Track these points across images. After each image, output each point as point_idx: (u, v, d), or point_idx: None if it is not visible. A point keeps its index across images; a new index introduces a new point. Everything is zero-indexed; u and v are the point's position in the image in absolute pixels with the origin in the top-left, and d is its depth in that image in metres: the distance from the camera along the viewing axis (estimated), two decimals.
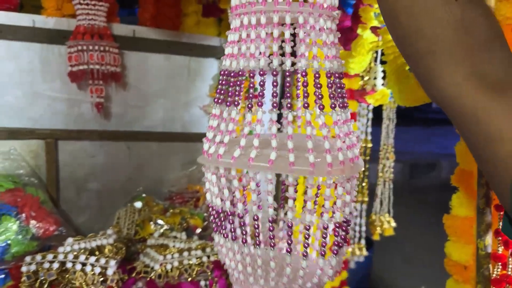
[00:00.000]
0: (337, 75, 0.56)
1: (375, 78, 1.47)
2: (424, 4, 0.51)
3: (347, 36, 1.50)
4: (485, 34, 0.52)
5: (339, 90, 0.56)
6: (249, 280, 0.58)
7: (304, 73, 0.52)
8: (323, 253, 0.55)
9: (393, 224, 2.16)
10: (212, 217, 0.59)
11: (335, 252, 0.57)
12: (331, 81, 0.55)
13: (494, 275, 0.87)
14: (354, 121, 0.59)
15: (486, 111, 0.50)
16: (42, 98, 1.63)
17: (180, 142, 1.89)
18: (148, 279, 1.32)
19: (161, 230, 1.57)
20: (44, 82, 1.63)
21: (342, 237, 0.56)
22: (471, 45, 0.51)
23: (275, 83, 0.54)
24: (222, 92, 0.57)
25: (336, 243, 0.57)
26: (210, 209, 0.59)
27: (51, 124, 1.64)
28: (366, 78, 1.57)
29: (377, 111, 2.12)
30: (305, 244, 0.54)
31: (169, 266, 1.34)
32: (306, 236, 0.55)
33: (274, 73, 0.54)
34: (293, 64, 0.53)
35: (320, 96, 0.53)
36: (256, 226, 0.54)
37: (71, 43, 1.55)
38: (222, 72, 0.58)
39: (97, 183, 1.76)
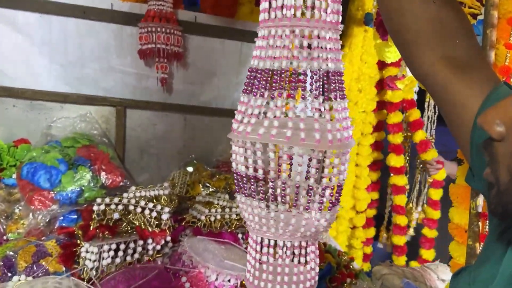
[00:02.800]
0: (338, 73, 0.69)
1: (405, 66, 1.60)
2: (408, 5, 0.71)
3: (384, 28, 1.65)
4: (455, 27, 0.71)
5: (339, 85, 0.69)
6: (262, 229, 0.72)
7: (316, 72, 0.66)
8: (320, 208, 0.70)
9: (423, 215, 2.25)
10: (236, 181, 0.72)
11: (329, 208, 0.71)
12: (334, 79, 0.68)
13: (483, 232, 1.02)
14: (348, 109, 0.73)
15: (453, 85, 0.68)
16: (115, 71, 1.90)
17: (228, 117, 2.09)
18: (194, 227, 1.55)
19: (208, 191, 1.79)
20: (118, 58, 1.89)
21: (336, 197, 0.71)
22: (444, 35, 0.70)
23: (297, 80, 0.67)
24: (250, 85, 0.69)
25: (331, 202, 0.71)
26: (235, 174, 0.72)
27: (121, 94, 1.92)
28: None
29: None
30: (308, 201, 0.69)
31: (212, 218, 1.56)
32: (309, 195, 0.69)
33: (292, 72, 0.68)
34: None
35: (325, 89, 0.67)
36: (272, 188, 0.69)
37: (142, 24, 1.80)
38: (250, 69, 0.70)
39: (157, 148, 2.01)
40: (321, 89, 0.67)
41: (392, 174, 2.26)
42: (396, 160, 2.18)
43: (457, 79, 0.67)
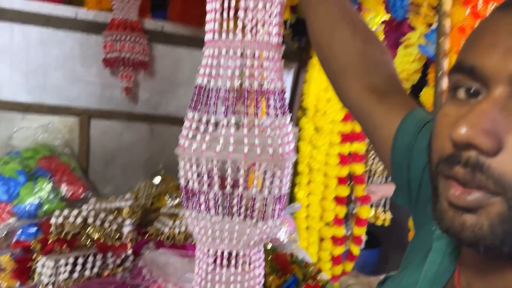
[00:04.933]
0: (281, 91, 0.72)
1: None
2: (339, 39, 0.79)
3: None
4: (376, 60, 0.80)
5: (281, 101, 0.73)
6: (216, 242, 0.73)
7: (258, 91, 0.70)
8: (262, 218, 0.73)
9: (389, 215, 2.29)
10: (185, 196, 0.74)
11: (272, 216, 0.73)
12: (276, 96, 0.72)
13: None
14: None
15: (375, 110, 0.75)
16: (79, 80, 1.87)
17: None
18: (157, 239, 1.51)
19: (174, 202, 1.76)
20: (82, 67, 1.86)
21: (279, 209, 0.74)
22: (367, 67, 0.78)
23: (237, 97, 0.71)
24: (196, 101, 0.71)
25: (272, 211, 0.73)
26: (184, 189, 0.74)
27: (86, 104, 1.88)
28: None
29: None
30: (263, 211, 0.72)
31: (177, 230, 1.53)
32: (265, 205, 0.72)
33: (236, 90, 0.71)
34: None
35: (268, 106, 0.71)
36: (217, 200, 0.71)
37: (107, 33, 1.77)
38: (196, 86, 0.72)
39: (122, 159, 1.98)
40: (270, 107, 0.72)
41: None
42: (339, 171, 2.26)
43: (379, 104, 0.75)
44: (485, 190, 0.43)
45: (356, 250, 2.43)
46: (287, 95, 0.78)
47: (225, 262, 0.74)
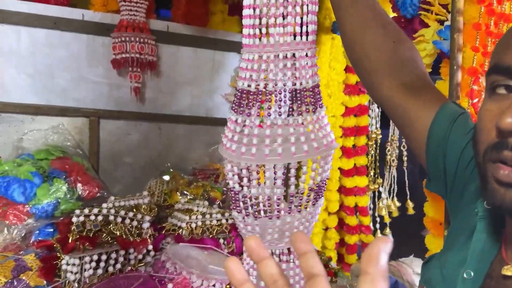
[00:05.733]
0: (316, 85, 0.75)
1: None
2: (371, 39, 0.84)
3: None
4: (408, 59, 0.85)
5: (318, 96, 0.76)
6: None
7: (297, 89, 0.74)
8: (299, 210, 0.76)
9: (397, 204, 2.34)
10: (231, 197, 0.78)
11: (313, 203, 0.78)
12: (313, 91, 0.75)
13: None
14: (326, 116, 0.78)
15: (409, 105, 0.81)
16: (87, 81, 1.89)
17: (203, 125, 2.13)
18: (176, 234, 1.55)
19: (186, 199, 1.80)
20: (90, 68, 1.88)
21: (320, 194, 0.79)
22: (399, 65, 0.84)
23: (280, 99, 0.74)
24: (237, 104, 0.75)
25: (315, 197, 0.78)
26: (231, 192, 0.76)
27: (94, 105, 1.90)
28: None
29: None
30: (289, 205, 0.75)
31: (193, 225, 1.57)
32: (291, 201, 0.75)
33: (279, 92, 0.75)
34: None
35: (305, 103, 0.74)
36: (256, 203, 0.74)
37: (115, 34, 1.80)
38: (238, 89, 0.75)
39: (131, 158, 2.00)
40: (301, 103, 0.74)
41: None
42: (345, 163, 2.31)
43: (412, 100, 0.81)
44: None
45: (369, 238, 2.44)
46: None
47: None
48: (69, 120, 1.86)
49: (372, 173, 2.41)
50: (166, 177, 1.92)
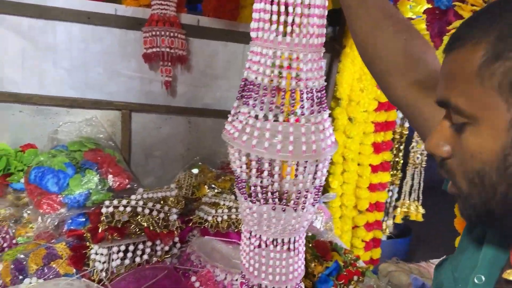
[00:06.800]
0: (321, 88, 0.74)
1: None
2: (382, 39, 0.83)
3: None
4: (420, 56, 0.84)
5: (321, 98, 0.75)
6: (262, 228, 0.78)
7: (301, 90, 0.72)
8: (314, 204, 0.78)
9: (421, 210, 2.28)
10: (237, 184, 0.79)
11: (313, 204, 0.79)
12: (316, 94, 0.74)
13: None
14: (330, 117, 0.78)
15: (422, 104, 0.81)
16: (119, 75, 1.92)
17: None
18: (202, 227, 1.56)
19: (214, 192, 1.81)
20: (122, 62, 1.91)
21: (317, 196, 0.79)
22: (411, 64, 0.83)
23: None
24: (244, 95, 0.74)
25: (313, 199, 0.79)
26: (236, 178, 0.78)
27: (126, 98, 1.94)
28: None
29: None
30: (304, 201, 0.76)
31: (219, 219, 1.57)
32: (305, 196, 0.76)
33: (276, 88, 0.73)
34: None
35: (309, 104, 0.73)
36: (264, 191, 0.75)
37: (146, 28, 1.82)
38: (243, 79, 0.75)
39: (162, 151, 2.03)
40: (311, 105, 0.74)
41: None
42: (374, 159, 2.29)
43: (427, 98, 0.79)
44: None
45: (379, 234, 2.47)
46: None
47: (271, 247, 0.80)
48: (102, 113, 1.91)
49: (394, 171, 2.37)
50: (195, 170, 1.94)
